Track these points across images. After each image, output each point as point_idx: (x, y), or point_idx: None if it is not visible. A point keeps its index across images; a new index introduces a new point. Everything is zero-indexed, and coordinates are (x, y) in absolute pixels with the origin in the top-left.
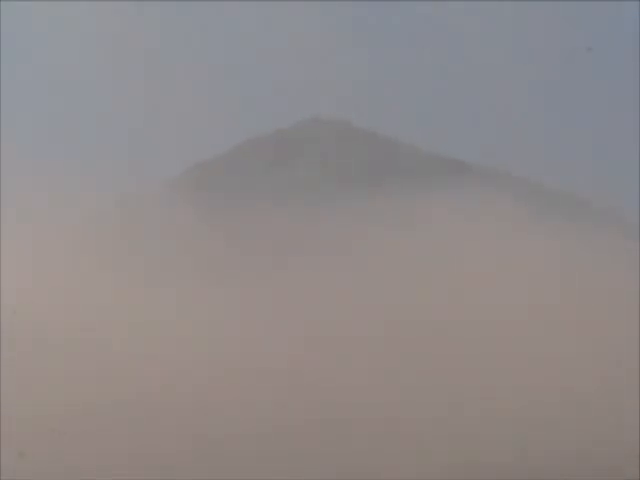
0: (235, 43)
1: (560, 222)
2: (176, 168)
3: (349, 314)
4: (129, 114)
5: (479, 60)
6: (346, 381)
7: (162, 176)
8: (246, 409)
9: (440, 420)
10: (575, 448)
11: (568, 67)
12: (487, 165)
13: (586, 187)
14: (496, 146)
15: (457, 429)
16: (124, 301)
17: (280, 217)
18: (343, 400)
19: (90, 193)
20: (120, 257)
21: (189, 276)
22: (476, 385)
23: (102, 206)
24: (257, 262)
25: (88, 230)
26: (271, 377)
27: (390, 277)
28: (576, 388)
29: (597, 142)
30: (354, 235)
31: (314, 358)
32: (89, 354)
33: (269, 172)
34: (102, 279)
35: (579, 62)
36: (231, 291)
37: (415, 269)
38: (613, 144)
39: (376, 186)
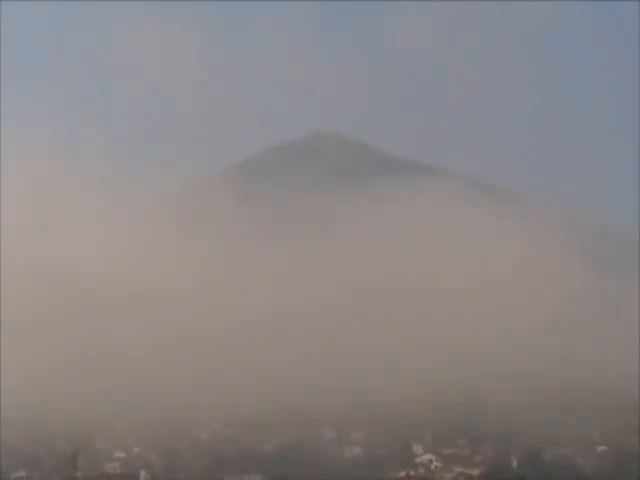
0: (269, 83)
1: (492, 207)
2: (222, 165)
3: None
4: (191, 127)
5: (453, 85)
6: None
7: (213, 171)
8: (290, 338)
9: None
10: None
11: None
12: (446, 167)
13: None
14: (454, 153)
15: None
16: (185, 261)
17: (293, 200)
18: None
19: (159, 184)
20: (182, 227)
21: (233, 239)
22: (430, 322)
23: (171, 190)
24: (281, 231)
25: (158, 209)
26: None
27: (369, 242)
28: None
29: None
30: (342, 214)
31: (329, 298)
32: (163, 305)
33: (284, 170)
34: (170, 244)
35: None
36: (267, 247)
37: (386, 239)
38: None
39: (361, 180)
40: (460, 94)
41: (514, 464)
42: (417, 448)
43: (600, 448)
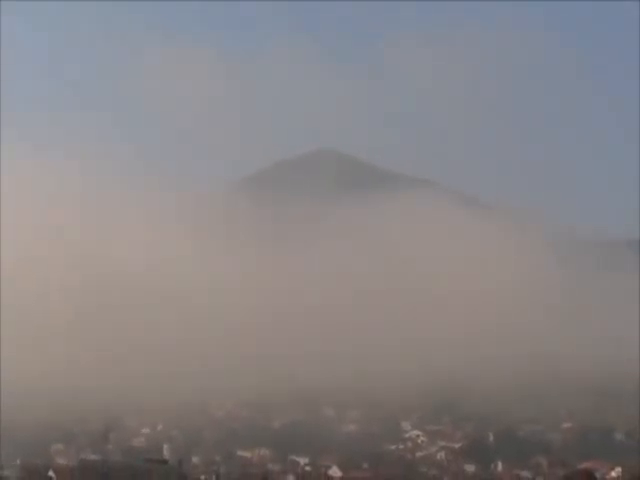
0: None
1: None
2: (236, 177)
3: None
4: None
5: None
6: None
7: (228, 183)
8: (297, 327)
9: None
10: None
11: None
12: (439, 181)
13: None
14: (445, 169)
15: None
16: (202, 261)
17: (298, 206)
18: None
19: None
20: (202, 229)
21: (243, 239)
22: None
23: (193, 195)
24: (284, 231)
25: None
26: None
27: (365, 245)
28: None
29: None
30: (341, 218)
31: (330, 294)
32: (184, 305)
33: (290, 180)
34: (191, 246)
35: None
36: (272, 247)
37: (382, 243)
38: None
39: (358, 190)
40: (456, 110)
41: (491, 439)
42: (406, 425)
43: (565, 425)
